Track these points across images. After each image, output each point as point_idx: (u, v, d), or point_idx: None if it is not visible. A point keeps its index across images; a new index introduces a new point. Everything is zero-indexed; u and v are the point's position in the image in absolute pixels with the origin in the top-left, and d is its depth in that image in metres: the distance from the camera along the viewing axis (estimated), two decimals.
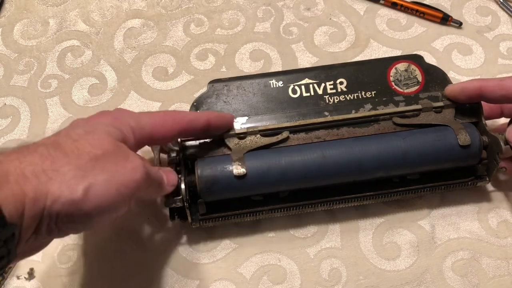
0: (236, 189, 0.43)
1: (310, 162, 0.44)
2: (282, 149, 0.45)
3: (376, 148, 0.44)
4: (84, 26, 0.60)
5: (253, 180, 0.43)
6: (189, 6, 0.62)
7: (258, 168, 0.43)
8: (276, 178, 0.43)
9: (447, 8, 0.61)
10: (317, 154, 0.44)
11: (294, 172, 0.44)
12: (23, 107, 0.55)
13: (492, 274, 0.47)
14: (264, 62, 0.58)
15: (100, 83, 0.57)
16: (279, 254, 0.47)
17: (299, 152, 0.44)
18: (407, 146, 0.44)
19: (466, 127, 0.45)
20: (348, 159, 0.44)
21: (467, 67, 0.57)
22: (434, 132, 0.45)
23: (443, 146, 0.45)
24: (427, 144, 0.45)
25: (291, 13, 0.61)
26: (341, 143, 0.45)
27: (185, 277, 0.46)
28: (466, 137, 0.44)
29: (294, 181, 0.44)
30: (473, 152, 0.45)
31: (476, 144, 0.45)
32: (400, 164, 0.45)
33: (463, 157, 0.45)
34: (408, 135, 0.45)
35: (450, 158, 0.45)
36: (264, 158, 0.44)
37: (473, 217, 0.49)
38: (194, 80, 0.57)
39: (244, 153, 0.44)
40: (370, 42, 0.59)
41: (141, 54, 0.58)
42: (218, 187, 0.43)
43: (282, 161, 0.43)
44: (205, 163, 0.43)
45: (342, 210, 0.49)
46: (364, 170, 0.45)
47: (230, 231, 0.48)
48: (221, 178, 0.43)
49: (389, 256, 0.47)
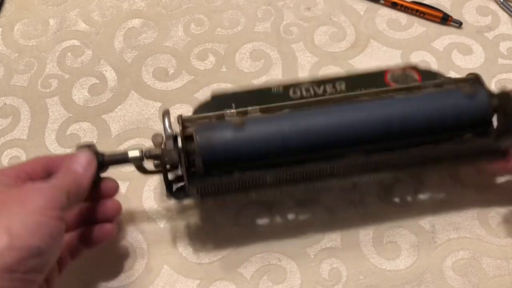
0: (235, 141, 0.41)
1: (315, 116, 0.42)
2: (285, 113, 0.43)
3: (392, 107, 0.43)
4: (84, 26, 0.60)
5: (252, 132, 0.41)
6: (189, 6, 0.62)
7: (258, 121, 0.42)
8: (278, 129, 0.42)
9: (447, 8, 0.61)
10: (327, 110, 0.43)
11: (300, 125, 0.42)
12: (23, 107, 0.55)
13: (492, 273, 0.47)
14: (264, 62, 0.58)
15: (100, 83, 0.57)
16: (279, 254, 0.47)
17: (304, 111, 0.43)
18: (409, 104, 0.43)
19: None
20: (351, 121, 0.42)
21: (467, 67, 0.57)
22: (433, 86, 0.45)
23: (446, 97, 0.43)
24: (430, 97, 0.43)
25: (291, 13, 0.61)
26: (348, 106, 0.44)
27: (185, 277, 0.47)
28: (469, 88, 0.43)
29: (300, 134, 0.42)
30: (480, 101, 0.43)
31: (483, 94, 0.43)
32: (406, 124, 0.43)
33: (470, 108, 0.43)
34: (407, 96, 0.44)
35: (455, 108, 0.43)
36: (265, 117, 0.43)
37: (473, 216, 0.49)
38: (194, 80, 0.57)
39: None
40: (370, 42, 0.59)
41: (141, 54, 0.58)
42: (216, 138, 0.41)
43: (285, 117, 0.42)
44: (204, 126, 0.42)
45: (342, 209, 0.49)
46: (386, 131, 0.43)
47: (231, 230, 0.48)
48: (219, 128, 0.41)
49: (389, 256, 0.47)
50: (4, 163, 0.52)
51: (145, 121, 0.54)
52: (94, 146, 0.42)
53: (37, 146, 0.53)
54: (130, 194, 0.50)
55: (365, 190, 0.50)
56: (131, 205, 0.50)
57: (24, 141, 0.53)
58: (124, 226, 0.49)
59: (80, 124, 0.54)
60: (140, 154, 0.42)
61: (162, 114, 0.44)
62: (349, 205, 0.50)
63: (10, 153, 0.53)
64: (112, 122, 0.54)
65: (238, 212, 0.49)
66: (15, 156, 0.52)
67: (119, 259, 0.47)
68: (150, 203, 0.50)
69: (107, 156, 0.42)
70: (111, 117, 0.54)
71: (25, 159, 0.52)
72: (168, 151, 0.42)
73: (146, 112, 0.55)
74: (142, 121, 0.54)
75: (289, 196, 0.50)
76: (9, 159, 0.52)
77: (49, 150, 0.52)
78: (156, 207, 0.50)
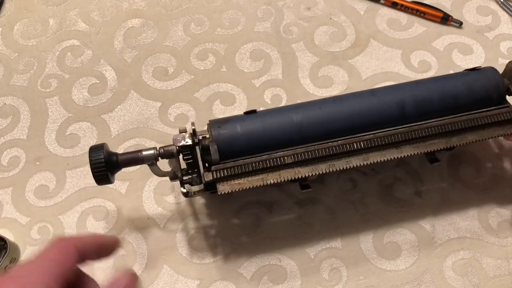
0: (248, 125, 0.42)
1: (325, 104, 0.44)
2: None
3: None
4: (84, 25, 0.60)
5: (264, 117, 0.43)
6: (189, 5, 0.61)
7: (269, 111, 0.44)
8: (288, 114, 0.43)
9: (447, 8, 0.61)
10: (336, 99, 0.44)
11: (310, 109, 0.43)
12: (23, 106, 0.55)
13: (492, 273, 0.47)
14: (264, 62, 0.58)
15: (100, 82, 0.56)
16: (279, 254, 0.47)
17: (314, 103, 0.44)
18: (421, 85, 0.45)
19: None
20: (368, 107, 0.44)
21: (468, 66, 0.57)
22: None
23: (456, 75, 0.45)
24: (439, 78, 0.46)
25: (291, 13, 0.61)
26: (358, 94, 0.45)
27: (185, 277, 0.46)
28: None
29: (310, 118, 0.43)
30: (489, 74, 0.45)
31: (489, 68, 0.45)
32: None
33: (480, 80, 0.44)
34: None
35: (465, 83, 0.45)
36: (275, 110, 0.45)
37: (474, 216, 0.49)
38: (194, 80, 0.56)
39: None
40: (370, 41, 0.59)
41: (141, 53, 0.58)
42: (229, 124, 0.42)
43: (295, 108, 0.44)
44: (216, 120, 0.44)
45: (342, 209, 0.49)
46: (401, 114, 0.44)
47: (231, 231, 0.48)
48: (232, 118, 0.43)
49: (389, 256, 0.47)
50: (4, 163, 0.52)
51: (145, 121, 0.54)
52: (106, 146, 0.41)
53: (37, 146, 0.53)
54: (130, 194, 0.50)
55: (365, 190, 0.50)
56: (131, 205, 0.50)
57: (24, 141, 0.53)
58: (124, 226, 0.49)
59: (80, 124, 0.54)
60: (155, 152, 0.42)
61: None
62: (349, 205, 0.50)
63: (10, 153, 0.53)
64: (112, 122, 0.54)
65: (238, 212, 0.49)
66: (15, 156, 0.52)
67: (119, 259, 0.47)
68: (150, 203, 0.50)
69: (121, 155, 0.42)
70: (111, 117, 0.54)
71: (25, 159, 0.52)
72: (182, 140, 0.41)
73: (146, 112, 0.55)
74: (142, 121, 0.54)
75: (289, 196, 0.50)
76: (9, 159, 0.52)
77: (49, 150, 0.52)
78: (156, 207, 0.50)
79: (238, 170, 0.41)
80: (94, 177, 0.41)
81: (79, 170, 0.52)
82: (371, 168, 0.51)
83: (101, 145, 0.41)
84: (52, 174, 0.51)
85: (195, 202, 0.50)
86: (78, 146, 0.53)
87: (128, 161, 0.42)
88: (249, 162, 0.41)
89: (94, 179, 0.42)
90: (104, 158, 0.41)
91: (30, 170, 0.52)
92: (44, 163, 0.52)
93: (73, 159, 0.52)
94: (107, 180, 0.42)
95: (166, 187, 0.50)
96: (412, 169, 0.51)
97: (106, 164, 0.41)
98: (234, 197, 0.50)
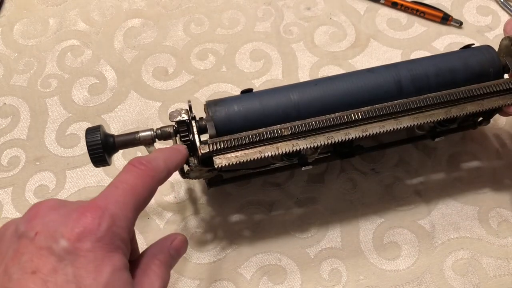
0: (245, 103, 0.42)
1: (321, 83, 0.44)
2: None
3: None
4: (84, 25, 0.60)
5: (261, 95, 0.43)
6: (189, 5, 0.61)
7: (266, 90, 0.44)
8: (285, 92, 0.43)
9: (447, 8, 0.61)
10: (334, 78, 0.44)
11: (308, 86, 0.43)
12: (23, 106, 0.55)
13: (492, 273, 0.47)
14: (264, 62, 0.58)
15: (100, 82, 0.57)
16: (279, 254, 0.47)
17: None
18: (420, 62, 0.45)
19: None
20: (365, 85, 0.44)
21: None
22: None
23: (454, 53, 0.46)
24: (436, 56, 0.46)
25: (291, 13, 0.61)
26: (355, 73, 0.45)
27: (185, 277, 0.46)
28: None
29: (306, 94, 0.43)
30: (485, 51, 0.45)
31: (484, 46, 0.46)
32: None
33: (476, 55, 0.45)
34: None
35: (460, 57, 0.45)
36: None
37: (474, 216, 0.49)
38: (194, 80, 0.56)
39: None
40: (370, 41, 0.59)
41: (141, 53, 0.58)
42: (226, 102, 0.42)
43: (292, 86, 0.44)
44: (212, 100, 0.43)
45: (342, 209, 0.49)
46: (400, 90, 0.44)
47: (231, 231, 0.48)
48: (228, 98, 0.43)
49: (389, 256, 0.47)
50: (4, 163, 0.52)
51: (145, 121, 0.54)
52: (102, 127, 0.41)
53: (37, 146, 0.53)
54: None
55: (365, 190, 0.50)
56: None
57: (24, 141, 0.53)
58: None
59: (80, 124, 0.54)
60: (152, 133, 0.41)
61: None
62: (349, 205, 0.50)
63: (10, 153, 0.53)
64: (112, 122, 0.54)
65: (238, 212, 0.49)
66: (15, 156, 0.52)
67: None
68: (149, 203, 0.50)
69: (117, 137, 0.41)
70: (111, 117, 0.54)
71: (25, 159, 0.52)
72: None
73: (146, 112, 0.55)
74: (141, 120, 0.54)
75: (289, 196, 0.50)
76: (8, 159, 0.52)
77: (48, 150, 0.52)
78: (156, 207, 0.50)
79: (234, 142, 0.40)
80: (91, 159, 0.41)
81: (79, 170, 0.52)
82: (371, 168, 0.51)
83: (98, 126, 0.41)
84: (52, 174, 0.51)
85: (195, 202, 0.50)
86: (78, 146, 0.53)
87: (125, 142, 0.41)
88: (246, 135, 0.41)
89: (91, 160, 0.41)
90: (101, 139, 0.40)
91: (30, 170, 0.52)
92: (44, 163, 0.52)
93: (73, 159, 0.52)
94: (104, 161, 0.41)
95: (166, 186, 0.50)
96: (412, 168, 0.51)
97: (103, 145, 0.40)
98: (234, 197, 0.50)
